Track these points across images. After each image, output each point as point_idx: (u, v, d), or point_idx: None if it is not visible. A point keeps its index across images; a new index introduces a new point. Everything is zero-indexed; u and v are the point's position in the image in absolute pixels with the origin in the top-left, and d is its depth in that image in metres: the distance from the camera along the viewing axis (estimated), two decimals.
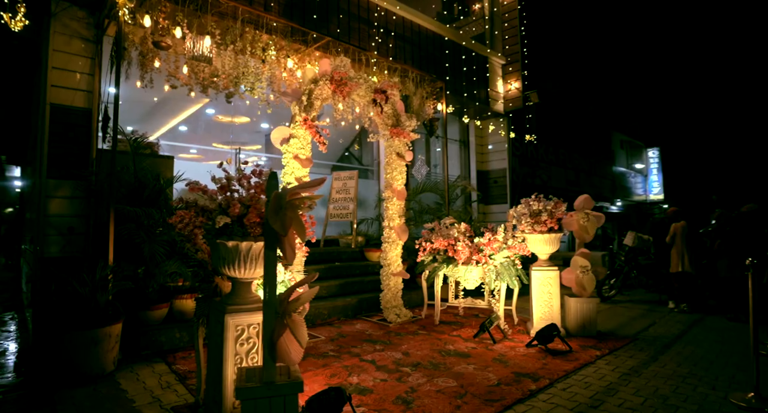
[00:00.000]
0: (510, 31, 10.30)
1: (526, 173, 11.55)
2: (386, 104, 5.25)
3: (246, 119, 10.57)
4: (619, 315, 6.01)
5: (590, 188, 15.20)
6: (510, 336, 4.78)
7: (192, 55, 4.49)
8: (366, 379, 3.36)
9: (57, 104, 4.56)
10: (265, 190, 2.30)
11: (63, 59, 4.61)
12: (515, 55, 10.13)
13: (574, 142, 14.56)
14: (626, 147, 19.27)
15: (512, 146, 10.69)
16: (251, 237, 2.41)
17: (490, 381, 3.32)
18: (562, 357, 3.94)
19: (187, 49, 4.51)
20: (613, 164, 17.92)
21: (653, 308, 6.48)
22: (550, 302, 4.83)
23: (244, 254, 2.42)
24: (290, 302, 2.23)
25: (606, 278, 7.24)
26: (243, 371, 2.30)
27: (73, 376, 3.26)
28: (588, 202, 4.89)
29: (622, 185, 18.42)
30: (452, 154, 11.21)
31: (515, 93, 10.11)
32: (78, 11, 4.71)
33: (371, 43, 6.85)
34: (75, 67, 4.67)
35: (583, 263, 4.87)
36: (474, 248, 5.20)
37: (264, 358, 2.18)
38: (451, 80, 8.46)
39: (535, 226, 4.79)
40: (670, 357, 4.03)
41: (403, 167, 5.74)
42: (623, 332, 5.00)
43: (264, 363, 2.18)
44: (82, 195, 4.51)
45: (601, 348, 4.22)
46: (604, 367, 3.70)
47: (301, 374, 2.29)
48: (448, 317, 5.70)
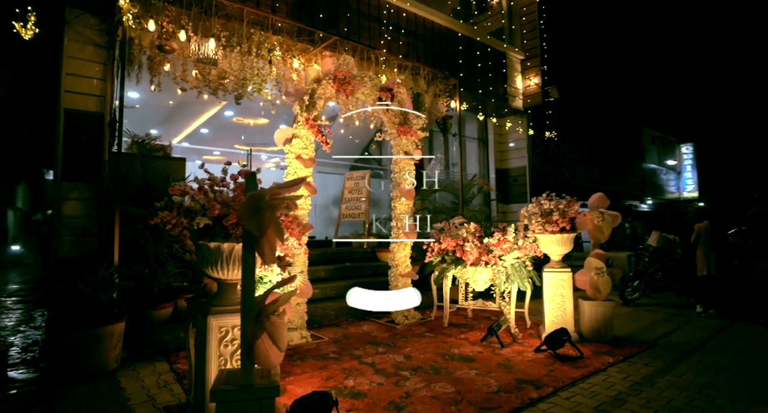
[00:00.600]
0: (528, 26, 10.02)
1: (547, 171, 11.21)
2: (392, 101, 5.16)
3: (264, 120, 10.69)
4: (640, 319, 5.71)
5: (618, 186, 14.63)
6: (520, 340, 4.62)
7: (197, 58, 4.55)
8: (362, 383, 3.30)
9: (71, 109, 4.71)
10: (244, 191, 2.27)
11: (76, 65, 4.76)
12: (534, 50, 9.84)
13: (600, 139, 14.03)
14: (657, 143, 18.43)
15: (532, 144, 10.40)
16: (233, 238, 2.39)
17: (490, 387, 3.19)
18: (571, 363, 3.76)
19: (192, 52, 4.57)
20: (644, 161, 17.18)
21: (679, 312, 6.13)
22: (563, 306, 4.63)
23: (227, 255, 2.40)
24: (268, 304, 2.19)
25: (629, 280, 6.91)
26: (224, 373, 2.28)
27: (76, 373, 3.35)
28: (603, 200, 4.66)
29: (653, 182, 17.64)
30: (471, 152, 11.02)
31: (534, 89, 9.83)
32: (90, 19, 4.84)
33: (380, 42, 6.78)
34: (88, 73, 4.81)
35: (598, 264, 4.65)
36: (483, 248, 5.05)
37: (242, 360, 2.15)
38: (467, 77, 8.28)
39: (546, 226, 4.61)
40: (689, 365, 3.77)
41: (411, 166, 5.64)
42: (642, 337, 4.74)
43: (242, 366, 2.15)
44: (94, 197, 4.64)
45: (614, 355, 4.01)
46: (615, 375, 3.50)
47: (279, 377, 2.25)
48: (458, 319, 5.56)
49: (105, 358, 3.41)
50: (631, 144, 16.43)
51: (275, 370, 2.29)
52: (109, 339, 3.42)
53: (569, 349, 4.04)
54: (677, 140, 19.32)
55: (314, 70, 4.76)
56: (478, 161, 10.83)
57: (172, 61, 4.98)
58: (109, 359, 3.44)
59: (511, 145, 10.49)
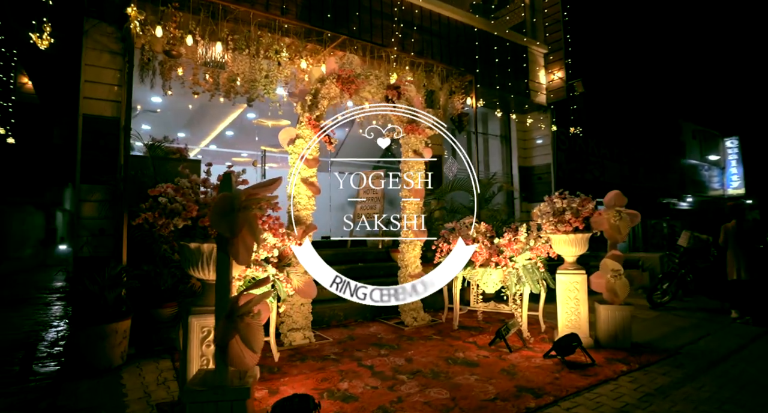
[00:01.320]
0: (552, 18, 9.65)
1: (574, 168, 10.77)
2: (398, 100, 5.08)
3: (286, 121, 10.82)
4: (666, 324, 5.36)
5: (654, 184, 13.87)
6: (531, 344, 4.43)
7: (204, 62, 4.64)
8: (356, 386, 3.24)
9: (89, 115, 4.90)
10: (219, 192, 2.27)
11: (94, 72, 4.95)
12: (557, 43, 9.48)
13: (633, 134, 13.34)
14: (699, 137, 17.34)
15: (557, 140, 10.02)
16: (212, 239, 2.40)
17: (487, 394, 3.07)
18: (580, 370, 3.56)
19: (199, 56, 4.66)
20: (683, 157, 16.22)
21: (711, 317, 5.71)
22: (577, 310, 4.41)
23: (207, 255, 2.41)
24: (241, 305, 2.17)
25: (658, 283, 6.52)
26: (201, 373, 2.29)
27: (84, 368, 3.47)
28: (619, 198, 4.40)
29: (694, 179, 16.61)
30: (494, 150, 10.75)
31: (558, 83, 9.46)
32: (107, 27, 5.02)
33: (392, 40, 6.70)
34: (105, 79, 4.98)
35: (615, 266, 4.39)
36: (494, 249, 4.89)
37: (216, 361, 2.15)
38: (485, 73, 8.07)
39: (559, 225, 4.39)
40: (712, 377, 3.49)
41: (421, 165, 5.53)
42: (665, 344, 4.44)
43: (216, 367, 2.15)
44: (110, 199, 4.82)
45: (630, 362, 3.77)
46: (625, 385, 3.28)
47: (255, 379, 2.23)
48: (470, 321, 5.42)
49: (110, 354, 3.52)
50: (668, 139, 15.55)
51: (252, 372, 2.28)
52: (113, 336, 3.53)
53: (580, 355, 3.83)
54: (721, 134, 18.12)
55: (318, 70, 4.76)
56: (501, 159, 10.55)
57: (183, 66, 5.12)
58: (114, 355, 3.55)
59: (537, 142, 10.15)
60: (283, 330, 4.39)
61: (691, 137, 17.09)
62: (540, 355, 4.00)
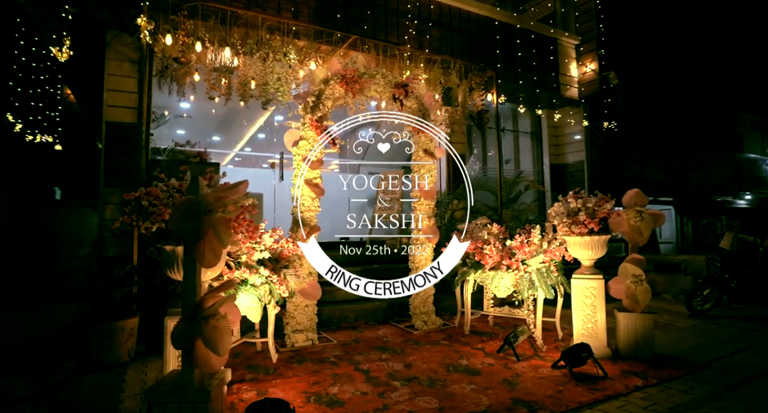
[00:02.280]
0: (583, 7, 9.16)
1: (610, 165, 10.15)
2: (407, 98, 4.97)
3: None
4: (702, 334, 4.90)
5: (705, 180, 12.80)
6: (543, 353, 4.19)
7: (214, 67, 4.75)
8: (346, 391, 3.18)
9: (111, 121, 5.17)
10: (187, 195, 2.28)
11: (116, 82, 5.22)
12: (590, 34, 8.99)
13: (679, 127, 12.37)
14: (760, 129, 15.86)
15: (591, 136, 9.49)
16: None
17: (478, 406, 2.91)
18: (588, 384, 3.31)
19: (209, 61, 4.78)
20: (740, 151, 14.89)
21: (759, 327, 5.16)
22: (594, 317, 4.11)
23: (181, 257, 2.44)
24: (206, 307, 2.17)
25: (698, 288, 5.99)
26: (172, 374, 2.31)
27: (93, 364, 3.65)
28: (640, 197, 4.07)
29: (753, 174, 15.20)
30: (524, 148, 10.36)
31: (591, 76, 8.97)
32: (128, 37, 5.27)
33: (406, 37, 6.59)
34: (125, 87, 5.24)
35: (636, 271, 4.06)
36: (505, 252, 4.68)
37: (182, 363, 2.16)
38: (508, 68, 7.77)
39: (573, 227, 4.12)
40: (742, 395, 3.13)
41: (432, 165, 5.39)
42: (694, 357, 4.05)
43: (182, 368, 2.16)
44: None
45: (648, 377, 3.46)
46: (635, 402, 3.00)
47: (220, 381, 2.22)
48: (483, 326, 5.21)
49: (117, 351, 3.68)
50: (722, 131, 14.31)
51: (219, 375, 2.27)
52: (120, 334, 3.68)
53: (592, 367, 3.57)
54: None
55: (323, 70, 4.74)
56: (531, 157, 10.15)
57: (199, 72, 5.27)
58: (120, 352, 3.70)
59: (571, 138, 9.67)
60: (287, 332, 4.41)
61: (751, 129, 15.66)
62: (549, 365, 3.77)
